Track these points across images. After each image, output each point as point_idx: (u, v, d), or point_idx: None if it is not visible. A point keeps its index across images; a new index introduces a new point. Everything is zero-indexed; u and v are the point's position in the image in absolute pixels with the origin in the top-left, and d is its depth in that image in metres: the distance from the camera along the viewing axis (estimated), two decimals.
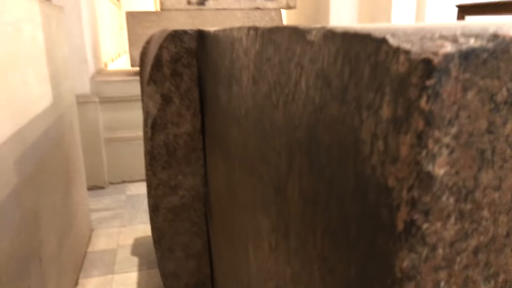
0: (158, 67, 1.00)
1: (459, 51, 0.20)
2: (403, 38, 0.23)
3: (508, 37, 0.21)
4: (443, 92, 0.20)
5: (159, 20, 2.37)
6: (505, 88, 0.21)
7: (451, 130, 0.21)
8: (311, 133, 0.35)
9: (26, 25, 1.20)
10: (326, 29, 0.32)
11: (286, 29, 0.42)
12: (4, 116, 0.95)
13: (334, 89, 0.30)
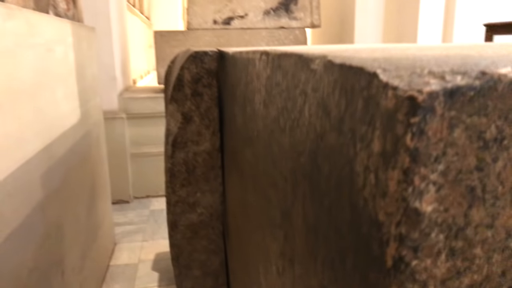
0: (180, 87, 1.02)
1: (444, 89, 0.20)
2: (394, 73, 0.23)
3: (496, 75, 0.21)
4: (428, 129, 0.20)
5: (185, 39, 2.43)
6: (494, 126, 0.21)
7: (438, 167, 0.21)
8: (313, 161, 0.35)
9: (57, 46, 1.25)
10: (326, 59, 0.33)
11: (292, 56, 0.42)
12: (33, 132, 1.00)
13: (333, 118, 0.31)
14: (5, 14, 0.89)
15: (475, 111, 0.21)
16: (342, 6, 2.84)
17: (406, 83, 0.21)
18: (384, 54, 0.36)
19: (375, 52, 0.39)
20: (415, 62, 0.25)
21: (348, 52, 0.41)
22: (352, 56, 0.33)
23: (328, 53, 0.40)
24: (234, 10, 2.55)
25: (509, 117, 0.21)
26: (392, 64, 0.26)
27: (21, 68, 0.96)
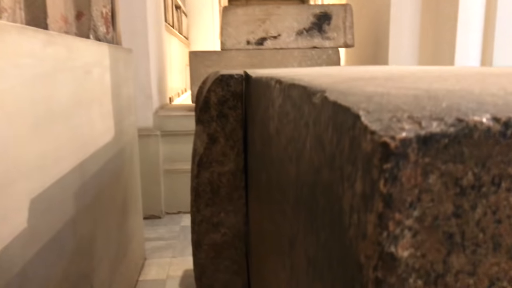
0: (206, 109, 1.05)
1: (418, 136, 0.20)
2: (376, 115, 0.24)
3: (472, 122, 0.21)
4: (401, 175, 0.21)
5: (219, 59, 2.49)
6: (471, 173, 0.21)
7: (413, 213, 0.21)
8: (313, 194, 0.36)
9: (95, 68, 1.32)
10: (324, 94, 0.33)
11: (299, 88, 0.43)
12: (68, 151, 1.05)
13: (327, 154, 0.31)
14: (45, 41, 0.96)
15: (450, 158, 0.21)
16: (377, 26, 2.82)
17: (384, 127, 0.22)
18: (384, 89, 0.36)
19: (379, 85, 0.40)
20: (402, 104, 0.26)
21: (353, 84, 0.41)
22: (349, 91, 0.34)
23: (331, 85, 0.41)
24: (267, 31, 2.59)
25: (486, 164, 0.21)
26: (380, 104, 0.26)
27: (59, 90, 1.02)
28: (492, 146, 0.20)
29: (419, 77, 0.52)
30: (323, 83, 0.47)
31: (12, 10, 1.05)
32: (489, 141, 0.20)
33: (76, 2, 1.48)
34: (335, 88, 0.36)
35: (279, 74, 0.86)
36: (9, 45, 0.79)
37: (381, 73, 0.67)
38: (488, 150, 0.21)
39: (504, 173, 0.21)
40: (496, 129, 0.20)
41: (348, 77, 0.61)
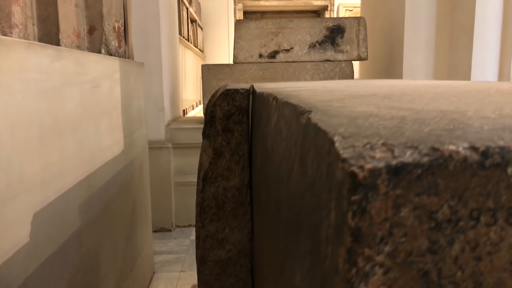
0: (212, 123, 1.05)
1: (388, 166, 0.19)
2: (350, 141, 0.22)
3: (447, 151, 0.19)
4: (371, 208, 0.19)
5: (231, 73, 2.50)
6: (446, 206, 0.19)
7: (384, 249, 0.19)
8: (299, 218, 0.34)
9: (104, 82, 1.34)
10: (309, 115, 0.32)
11: (291, 106, 0.42)
12: (74, 164, 1.05)
13: (309, 178, 0.30)
14: (53, 56, 0.97)
15: (424, 189, 0.19)
16: (391, 38, 2.80)
17: (355, 155, 0.21)
18: (376, 109, 0.34)
19: (373, 104, 0.38)
20: (382, 128, 0.24)
21: (347, 102, 0.40)
22: (337, 111, 0.33)
23: (324, 104, 0.40)
24: (279, 44, 2.60)
25: (463, 197, 0.19)
26: (360, 128, 0.25)
27: (67, 104, 1.03)
28: (469, 178, 0.19)
29: (420, 95, 0.51)
30: (318, 101, 0.46)
31: (24, 26, 1.08)
32: (466, 172, 0.19)
33: (89, 17, 1.50)
34: (326, 107, 0.35)
35: (281, 89, 0.85)
36: (15, 61, 0.80)
37: (384, 90, 0.65)
38: (465, 182, 0.19)
39: (483, 206, 0.19)
40: (474, 159, 0.19)
41: (348, 93, 0.60)
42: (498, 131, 0.22)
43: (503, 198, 0.19)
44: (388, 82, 1.16)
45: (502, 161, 0.19)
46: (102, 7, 1.52)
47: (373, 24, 3.08)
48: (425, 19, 2.58)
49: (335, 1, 6.36)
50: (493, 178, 0.19)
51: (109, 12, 1.58)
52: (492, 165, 0.19)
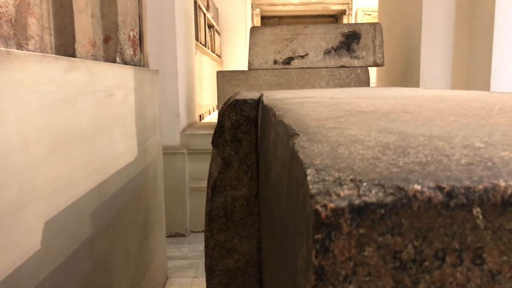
0: (220, 133, 1.05)
1: (351, 205, 0.19)
2: (323, 175, 0.22)
3: (411, 191, 0.19)
4: (334, 247, 0.19)
5: (246, 79, 2.51)
6: (411, 246, 0.19)
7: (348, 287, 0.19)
8: (284, 242, 0.34)
9: (118, 90, 1.36)
10: (294, 140, 0.32)
11: (284, 126, 0.42)
12: (85, 173, 1.08)
13: (292, 204, 0.30)
14: (67, 67, 0.99)
15: (388, 229, 0.19)
16: (408, 44, 2.77)
17: (323, 191, 0.21)
18: (365, 132, 0.34)
19: (366, 125, 0.38)
20: (358, 160, 0.24)
21: (341, 122, 0.40)
22: (324, 135, 0.33)
23: (317, 123, 0.40)
24: (294, 50, 2.60)
25: (428, 237, 0.19)
26: (336, 159, 0.25)
27: (79, 114, 1.05)
28: (433, 218, 0.19)
29: (420, 112, 0.50)
30: (314, 119, 0.46)
31: (40, 37, 1.10)
32: (430, 213, 0.19)
33: (104, 26, 1.53)
34: (317, 128, 0.35)
35: (288, 99, 0.85)
36: (28, 74, 0.82)
37: (388, 104, 0.65)
38: (430, 222, 0.19)
39: (449, 247, 0.19)
40: (438, 200, 0.19)
41: (350, 108, 0.60)
42: (473, 167, 0.22)
43: (469, 239, 0.19)
44: (399, 92, 1.15)
45: (467, 202, 0.19)
46: (117, 17, 1.55)
47: (390, 30, 3.05)
48: (443, 25, 2.54)
49: (353, 6, 6.33)
50: (458, 219, 0.19)
51: (124, 22, 1.61)
52: (456, 205, 0.19)
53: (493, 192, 0.19)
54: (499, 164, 0.22)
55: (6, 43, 0.88)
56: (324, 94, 1.15)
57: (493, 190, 0.19)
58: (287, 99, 0.99)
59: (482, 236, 0.19)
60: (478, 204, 0.19)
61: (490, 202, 0.19)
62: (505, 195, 0.19)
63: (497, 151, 0.26)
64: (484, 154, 0.25)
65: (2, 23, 0.86)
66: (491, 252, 0.19)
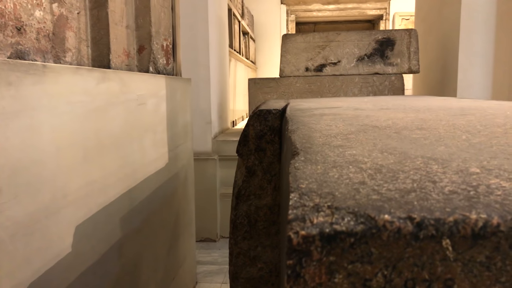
0: (245, 142, 1.07)
1: (321, 233, 0.20)
2: (304, 200, 0.23)
3: (381, 221, 0.19)
4: (304, 273, 0.20)
5: (277, 86, 2.52)
6: (380, 274, 0.19)
7: None
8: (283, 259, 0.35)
9: (150, 99, 1.41)
10: (291, 161, 0.33)
11: (290, 142, 0.43)
12: (116, 179, 1.12)
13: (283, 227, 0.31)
14: (99, 78, 1.04)
15: (358, 258, 0.20)
16: (445, 51, 2.69)
17: (299, 217, 0.21)
18: (367, 152, 0.34)
19: (371, 144, 0.38)
20: (344, 185, 0.25)
21: (348, 139, 0.40)
22: (323, 154, 0.33)
23: (322, 140, 0.40)
24: (327, 57, 2.59)
25: (397, 266, 0.19)
26: (321, 184, 0.26)
27: (111, 123, 1.10)
28: (403, 248, 0.19)
29: (435, 128, 0.50)
30: (323, 135, 0.46)
31: (77, 50, 1.16)
32: (400, 243, 0.19)
33: (139, 37, 1.59)
34: (320, 147, 0.36)
35: (310, 110, 0.86)
36: (63, 85, 0.87)
37: (408, 119, 0.64)
38: (399, 252, 0.19)
39: (418, 277, 0.19)
40: (408, 230, 0.19)
41: (367, 122, 0.60)
42: (453, 197, 0.22)
43: (439, 269, 0.19)
44: (428, 102, 1.13)
45: (437, 233, 0.19)
46: (151, 27, 1.60)
47: (427, 36, 2.97)
48: (482, 30, 2.45)
49: (390, 10, 6.21)
50: (428, 250, 0.19)
51: (157, 32, 1.67)
52: (426, 236, 0.19)
53: (463, 225, 0.19)
54: (481, 193, 0.22)
55: (43, 56, 0.94)
56: (350, 104, 1.14)
57: (463, 223, 0.19)
58: (310, 110, 0.99)
59: (452, 268, 0.19)
60: (447, 236, 0.19)
61: (460, 234, 0.19)
62: (475, 227, 0.19)
63: (489, 177, 0.26)
64: (472, 181, 0.25)
65: (40, 38, 0.92)
66: (462, 284, 0.19)
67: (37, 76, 0.78)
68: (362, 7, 6.26)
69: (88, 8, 1.25)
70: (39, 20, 0.91)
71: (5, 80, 0.70)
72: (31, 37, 0.89)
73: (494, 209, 0.20)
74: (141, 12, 1.57)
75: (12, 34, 0.82)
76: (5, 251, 0.69)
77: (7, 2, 0.80)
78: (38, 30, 0.91)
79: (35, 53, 0.90)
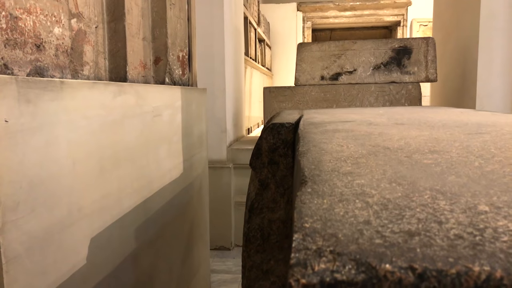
0: (258, 155, 1.07)
1: (322, 282, 0.20)
2: (307, 242, 0.23)
3: (382, 271, 0.19)
4: None
5: (292, 95, 2.52)
6: None
7: None
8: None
9: (165, 111, 1.43)
10: (297, 192, 0.33)
11: (299, 166, 0.43)
12: (131, 190, 1.14)
13: None
14: (115, 91, 1.06)
15: None
16: (464, 59, 2.65)
17: (300, 262, 0.21)
18: (375, 184, 0.34)
19: (382, 169, 0.38)
20: (349, 226, 0.25)
21: (360, 165, 0.40)
22: (332, 185, 0.33)
23: (332, 166, 0.40)
24: (342, 66, 2.58)
25: None
26: (326, 223, 0.26)
27: (127, 136, 1.11)
28: None
29: (445, 153, 0.49)
30: (333, 158, 0.46)
31: (94, 63, 1.19)
32: None
33: (155, 48, 1.62)
34: (328, 175, 0.36)
35: (321, 126, 0.85)
36: (79, 100, 0.89)
37: (421, 139, 0.63)
38: None
39: None
40: (409, 281, 0.19)
41: (379, 142, 0.59)
42: (458, 243, 0.22)
43: None
44: (445, 116, 1.11)
45: (439, 285, 0.19)
46: (167, 39, 1.62)
47: (445, 43, 2.94)
48: (502, 38, 2.41)
49: (408, 16, 6.16)
50: None
51: (173, 43, 1.69)
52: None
53: (466, 277, 0.19)
54: (487, 239, 0.22)
55: (62, 71, 0.96)
56: (364, 117, 1.13)
57: (466, 275, 0.19)
58: (323, 124, 0.99)
59: None
60: None
61: (463, 287, 0.18)
62: (478, 280, 0.18)
63: (497, 218, 0.25)
64: (479, 223, 0.24)
65: (59, 54, 0.94)
66: None
67: (55, 92, 0.80)
68: (379, 14, 6.22)
69: (106, 22, 1.27)
70: (58, 37, 0.94)
71: (24, 97, 0.71)
72: (50, 54, 0.91)
73: (498, 260, 0.19)
74: (158, 24, 1.60)
75: (32, 51, 0.84)
76: (21, 264, 0.71)
77: (27, 21, 0.83)
78: (57, 46, 0.94)
79: (53, 69, 0.92)
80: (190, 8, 1.90)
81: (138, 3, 1.44)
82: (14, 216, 0.69)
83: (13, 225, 0.69)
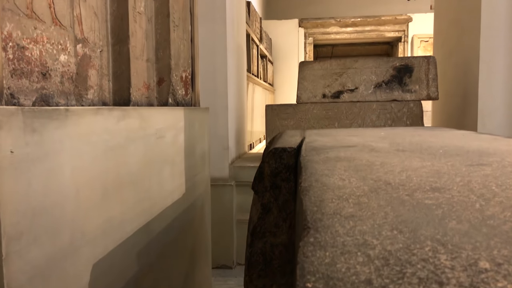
0: (260, 179, 1.08)
1: None
2: (314, 279, 0.24)
3: None
4: None
5: (294, 112, 2.53)
6: None
7: None
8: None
9: (168, 132, 1.43)
10: (299, 242, 0.33)
11: (302, 206, 0.43)
12: (134, 214, 1.14)
13: None
14: (119, 116, 1.07)
15: None
16: (464, 77, 2.66)
17: None
18: (377, 232, 0.35)
19: (384, 212, 0.38)
20: (349, 284, 0.25)
21: (361, 207, 0.40)
22: (330, 236, 0.34)
23: (333, 209, 0.40)
24: (344, 84, 2.59)
25: None
26: (329, 280, 0.26)
27: (130, 159, 1.12)
28: None
29: (446, 191, 0.49)
30: (335, 196, 0.47)
31: (99, 86, 1.20)
32: None
33: (158, 70, 1.63)
34: (330, 220, 0.36)
35: (323, 151, 0.86)
36: (84, 127, 0.90)
37: (422, 172, 0.64)
38: None
39: None
40: None
41: (378, 178, 0.60)
42: None
43: None
44: (447, 141, 1.12)
45: None
46: (171, 60, 1.64)
47: (446, 61, 2.96)
48: (503, 57, 2.43)
49: (409, 32, 6.21)
50: None
51: (177, 64, 1.71)
52: None
53: None
54: None
55: (66, 98, 0.97)
56: (366, 140, 1.14)
57: None
58: (324, 150, 0.99)
59: None
60: None
61: None
62: None
63: (496, 278, 0.26)
64: (479, 285, 0.25)
65: (64, 81, 0.95)
66: None
67: (60, 120, 0.81)
68: (380, 30, 6.28)
69: (111, 44, 1.29)
70: (64, 64, 0.95)
71: (30, 127, 0.72)
72: (56, 81, 0.92)
73: None
74: (161, 45, 1.62)
75: (38, 80, 0.86)
76: None
77: (34, 50, 0.84)
78: (62, 74, 0.95)
79: (58, 96, 0.94)
80: (193, 29, 1.93)
81: (142, 26, 1.46)
82: (18, 246, 0.69)
83: (17, 255, 0.69)
